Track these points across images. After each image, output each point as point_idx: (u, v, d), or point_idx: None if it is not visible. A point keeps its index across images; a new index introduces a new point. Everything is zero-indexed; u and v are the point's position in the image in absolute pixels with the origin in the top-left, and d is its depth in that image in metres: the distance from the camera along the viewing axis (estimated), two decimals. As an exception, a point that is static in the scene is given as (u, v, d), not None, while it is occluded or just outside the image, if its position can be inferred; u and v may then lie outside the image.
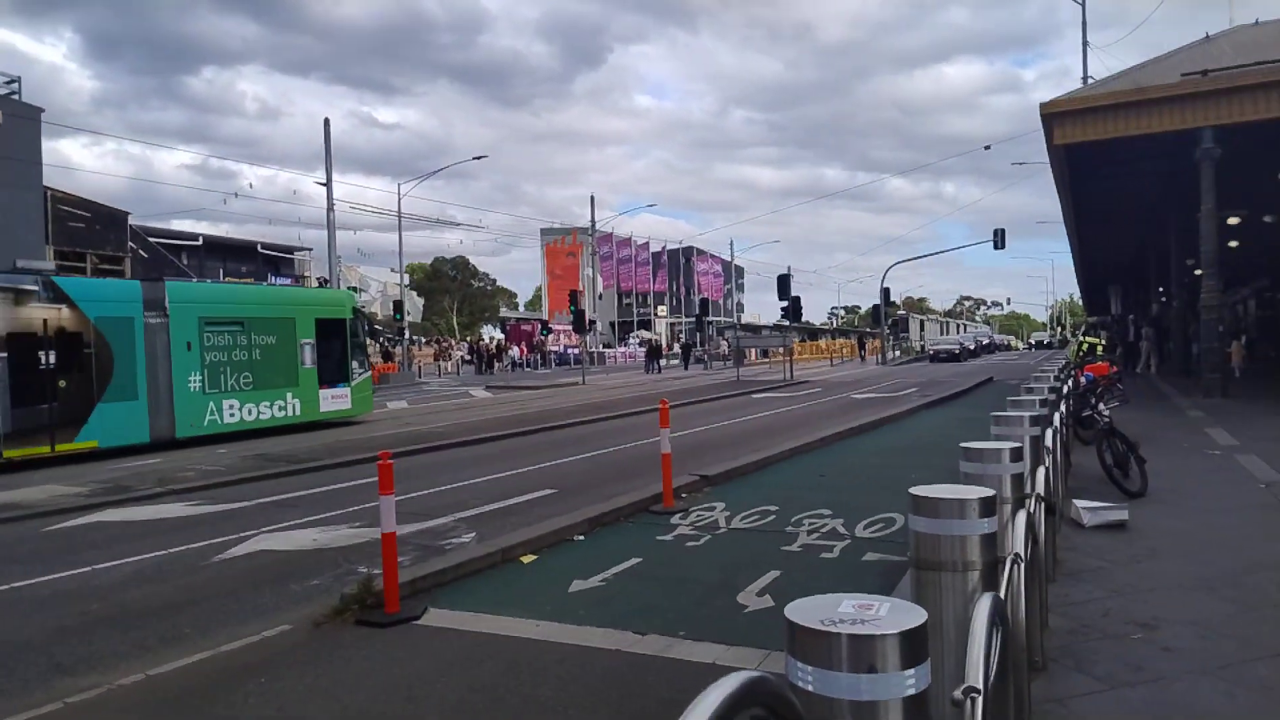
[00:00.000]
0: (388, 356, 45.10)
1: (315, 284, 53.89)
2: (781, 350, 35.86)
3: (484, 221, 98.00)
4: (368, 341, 22.89)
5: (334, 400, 18.64)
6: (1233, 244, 27.06)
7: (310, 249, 55.31)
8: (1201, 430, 12.13)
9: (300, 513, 9.16)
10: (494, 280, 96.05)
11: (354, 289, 64.23)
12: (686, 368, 46.73)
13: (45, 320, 14.04)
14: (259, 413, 17.06)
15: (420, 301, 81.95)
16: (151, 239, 41.72)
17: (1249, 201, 21.87)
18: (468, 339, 56.11)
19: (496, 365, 46.75)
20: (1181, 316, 25.70)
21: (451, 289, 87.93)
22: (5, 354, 13.50)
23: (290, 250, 54.40)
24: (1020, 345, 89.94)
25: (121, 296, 15.40)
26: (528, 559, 6.87)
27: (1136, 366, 28.91)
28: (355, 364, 19.28)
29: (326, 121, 32.33)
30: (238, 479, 11.51)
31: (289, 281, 52.96)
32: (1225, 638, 4.33)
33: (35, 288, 14.04)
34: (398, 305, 41.49)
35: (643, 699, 4.24)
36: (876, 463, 11.40)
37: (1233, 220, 23.05)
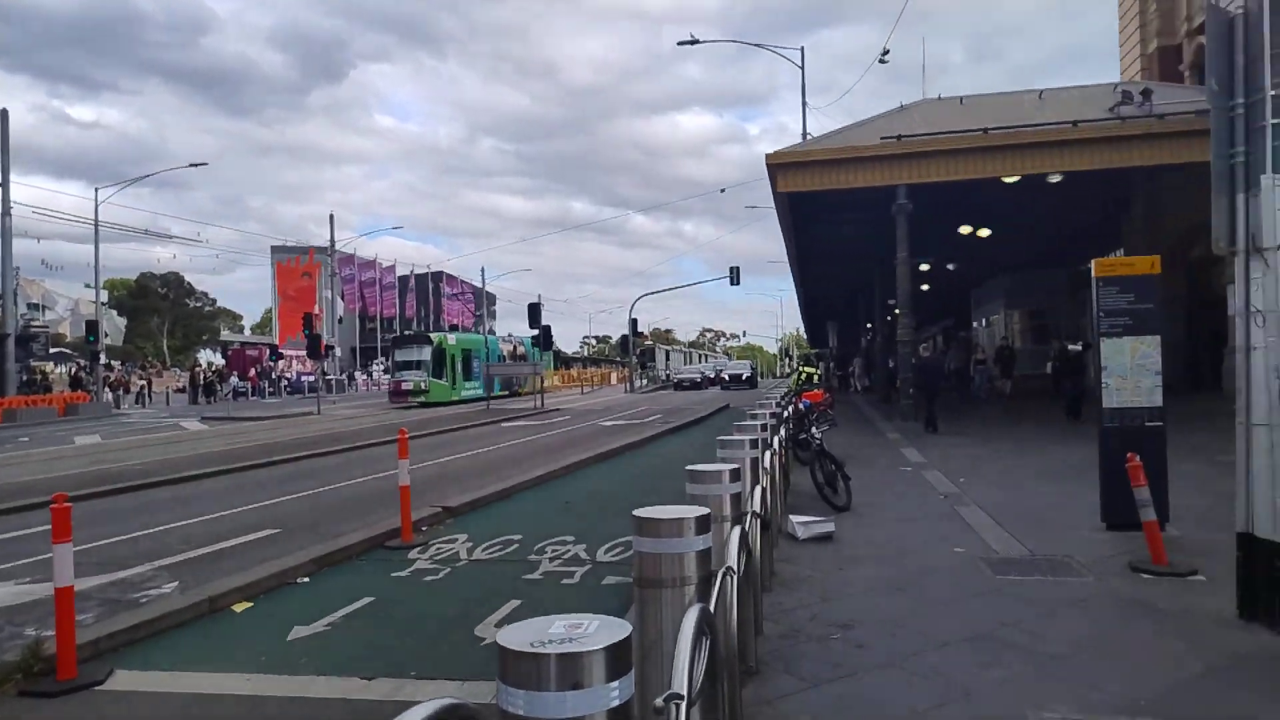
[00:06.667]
0: (77, 384, 39.42)
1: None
2: (533, 378, 36.04)
3: (203, 235, 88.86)
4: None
5: None
6: (924, 287, 31.27)
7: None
8: (898, 450, 13.75)
9: (-46, 569, 7.71)
10: (214, 300, 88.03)
11: (34, 305, 55.94)
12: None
13: (515, 351, 44.77)
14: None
15: (122, 322, 73.12)
16: None
17: (937, 251, 25.38)
18: (195, 366, 50.73)
19: (216, 394, 42.58)
20: (884, 349, 29.13)
21: (161, 308, 79.29)
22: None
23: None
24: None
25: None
26: (240, 607, 6.26)
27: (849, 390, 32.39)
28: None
29: (3, 113, 28.11)
30: None
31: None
32: (907, 632, 4.89)
33: (525, 341, 43.44)
34: (91, 325, 36.43)
35: (366, 746, 3.99)
36: (621, 487, 11.70)
37: (924, 267, 26.65)
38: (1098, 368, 7.16)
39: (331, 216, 44.24)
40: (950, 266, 29.55)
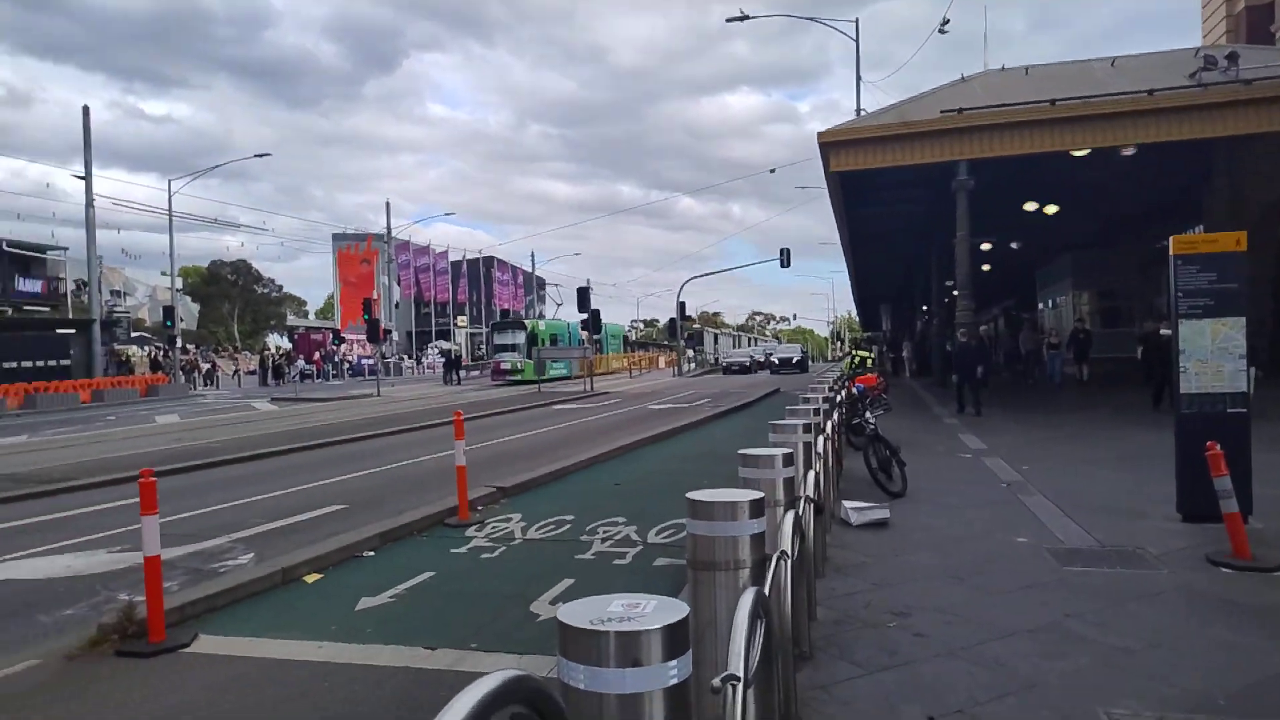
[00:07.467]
0: (156, 367, 41.25)
1: (71, 286, 48.49)
2: (584, 361, 36.28)
3: (268, 224, 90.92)
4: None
5: None
6: (985, 267, 30.47)
7: (65, 248, 49.63)
8: (955, 436, 13.51)
9: (53, 537, 8.19)
10: (280, 286, 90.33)
11: (116, 292, 58.31)
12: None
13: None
14: None
15: (195, 308, 75.61)
16: None
17: (999, 229, 24.65)
18: (265, 350, 52.31)
19: (285, 376, 43.96)
20: (940, 332, 28.48)
21: (232, 294, 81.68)
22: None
23: (42, 250, 48.43)
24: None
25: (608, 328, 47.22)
26: (311, 578, 6.51)
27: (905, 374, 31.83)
28: None
29: (85, 109, 29.31)
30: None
31: (40, 284, 47.18)
32: (966, 622, 4.83)
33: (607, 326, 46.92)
34: (168, 311, 38.06)
35: (432, 715, 4.12)
36: (670, 470, 11.74)
37: (985, 246, 25.90)
38: (1175, 351, 6.90)
39: (388, 204, 45.39)
40: (1013, 245, 28.67)
